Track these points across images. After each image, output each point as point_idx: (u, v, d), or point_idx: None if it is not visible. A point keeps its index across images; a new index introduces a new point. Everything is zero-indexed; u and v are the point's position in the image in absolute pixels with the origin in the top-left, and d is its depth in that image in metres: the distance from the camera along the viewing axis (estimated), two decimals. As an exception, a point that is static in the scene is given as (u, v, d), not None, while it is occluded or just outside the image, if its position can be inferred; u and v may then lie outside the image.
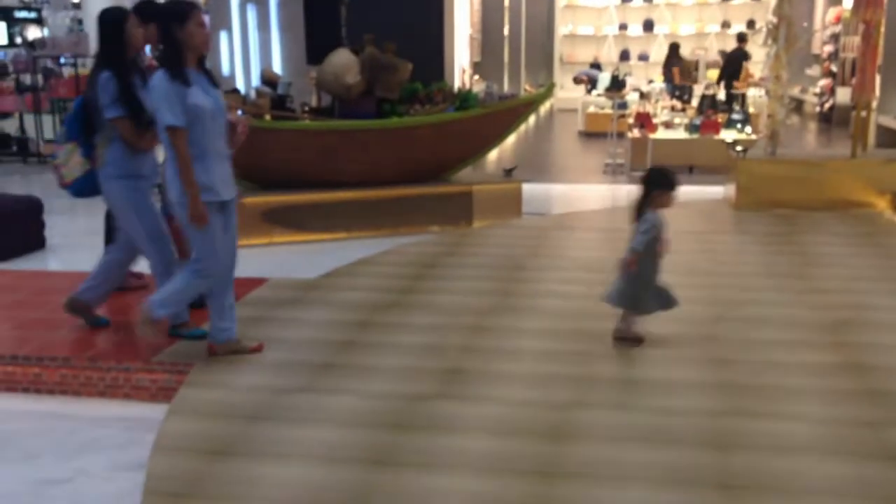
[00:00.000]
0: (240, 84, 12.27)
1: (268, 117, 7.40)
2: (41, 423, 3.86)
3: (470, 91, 8.50)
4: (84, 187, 4.51)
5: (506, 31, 17.80)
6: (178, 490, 2.99)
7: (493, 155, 12.03)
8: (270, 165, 7.13)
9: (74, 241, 7.30)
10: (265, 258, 6.34)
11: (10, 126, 14.29)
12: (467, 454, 3.23)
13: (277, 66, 11.84)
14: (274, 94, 8.28)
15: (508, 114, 8.17)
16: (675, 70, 14.36)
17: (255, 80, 11.58)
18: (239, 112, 7.20)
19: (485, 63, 16.83)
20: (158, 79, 3.79)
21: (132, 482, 3.20)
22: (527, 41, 20.43)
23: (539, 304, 5.10)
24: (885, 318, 4.73)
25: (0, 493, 3.20)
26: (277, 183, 7.19)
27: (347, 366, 4.11)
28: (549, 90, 9.20)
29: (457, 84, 12.51)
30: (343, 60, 8.25)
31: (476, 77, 15.94)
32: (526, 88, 18.59)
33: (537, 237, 6.93)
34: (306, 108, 8.10)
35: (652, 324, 4.67)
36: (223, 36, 13.25)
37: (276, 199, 7.07)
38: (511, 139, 14.10)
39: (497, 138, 8.35)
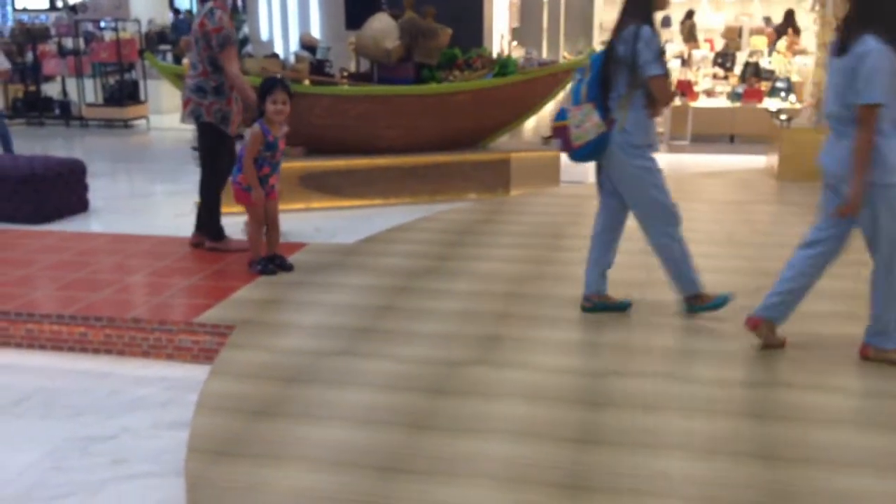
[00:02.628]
0: (279, 49, 12.30)
1: (307, 82, 7.42)
2: (86, 382, 3.95)
3: (509, 57, 8.43)
4: (590, 152, 4.24)
5: (545, -2, 17.54)
6: (219, 448, 3.06)
7: (531, 122, 11.95)
8: (308, 131, 7.16)
9: (116, 205, 7.41)
10: (303, 223, 6.39)
11: (53, 90, 14.48)
12: (503, 420, 3.25)
13: (316, 31, 11.83)
14: (313, 59, 8.30)
15: (548, 80, 8.11)
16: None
17: (295, 45, 11.60)
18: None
19: (524, 29, 16.63)
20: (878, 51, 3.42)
21: (175, 440, 3.28)
22: (566, 7, 20.13)
23: (576, 272, 5.06)
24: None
25: (46, 448, 3.30)
26: (316, 148, 7.23)
27: (385, 331, 4.15)
28: (587, 57, 9.08)
29: (496, 50, 12.41)
30: (382, 25, 8.22)
31: (515, 43, 15.78)
32: (565, 56, 18.35)
33: (575, 205, 6.90)
34: (345, 74, 8.10)
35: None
36: (262, 1, 13.25)
37: (314, 165, 7.11)
38: (550, 107, 13.99)
39: (536, 105, 8.30)
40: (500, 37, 13.34)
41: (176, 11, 17.98)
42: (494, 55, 8.45)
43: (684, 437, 3.12)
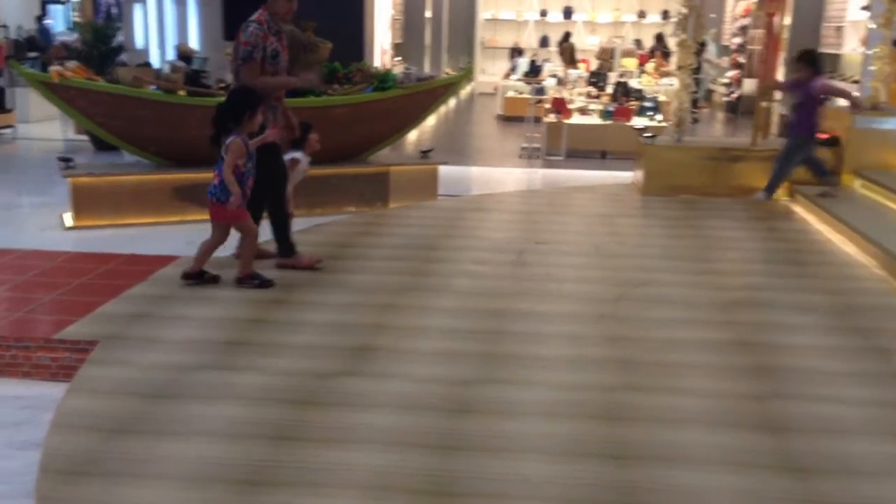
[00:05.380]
0: (154, 58, 12.00)
1: (182, 93, 7.27)
2: (-65, 402, 3.76)
3: (389, 72, 8.51)
4: None
5: (428, 14, 17.80)
6: (73, 468, 2.97)
7: (412, 136, 12.07)
8: (184, 142, 7.02)
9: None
10: (177, 236, 6.26)
11: None
12: (371, 429, 3.30)
13: (194, 41, 11.61)
14: (189, 69, 8.14)
15: (426, 95, 8.22)
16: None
17: (170, 55, 11.34)
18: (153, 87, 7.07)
19: (406, 45, 16.81)
20: None
21: (29, 460, 3.16)
22: (449, 24, 20.46)
23: (450, 283, 5.19)
24: (774, 297, 4.98)
25: None
26: (192, 160, 7.09)
27: (256, 343, 4.12)
28: (467, 73, 9.28)
29: (377, 65, 12.49)
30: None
31: (399, 59, 15.92)
32: (447, 71, 18.63)
33: (452, 218, 7.02)
34: (222, 85, 7.99)
35: (554, 303, 4.83)
36: (137, 8, 12.92)
37: (190, 177, 6.96)
38: (431, 121, 14.16)
39: (415, 120, 8.39)
40: (381, 52, 13.45)
41: (39, 18, 17.24)
42: (375, 70, 8.51)
43: (543, 441, 3.24)
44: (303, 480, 2.93)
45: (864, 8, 10.47)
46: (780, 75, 12.73)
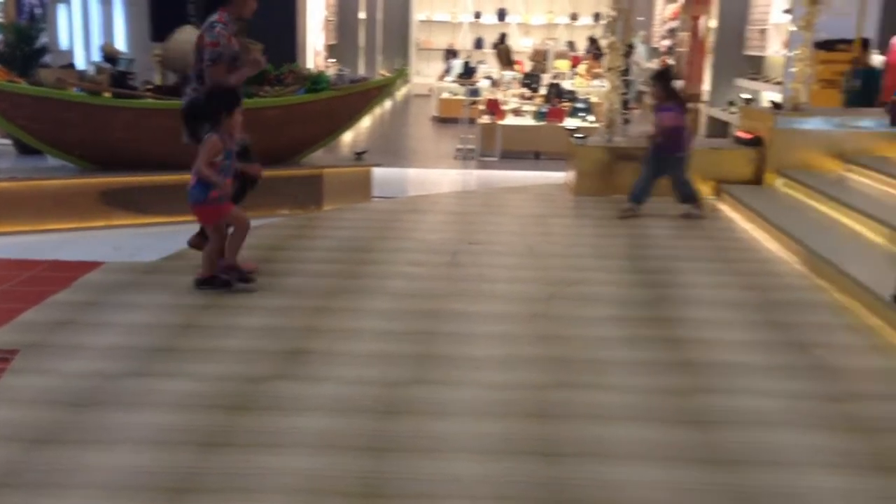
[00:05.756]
0: (79, 59, 11.70)
1: (107, 95, 7.11)
2: None
3: (321, 73, 8.45)
4: None
5: (362, 15, 17.73)
6: (-6, 479, 2.89)
7: (346, 138, 12.02)
8: (110, 145, 6.87)
9: None
10: (102, 241, 6.12)
11: None
12: (302, 433, 3.27)
13: (120, 42, 11.36)
14: (114, 71, 7.96)
15: (360, 97, 8.19)
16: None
17: (96, 56, 11.07)
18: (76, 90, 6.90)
19: (340, 46, 16.72)
20: None
21: (-54, 474, 3.06)
22: (384, 26, 20.43)
23: (384, 285, 5.18)
24: (699, 294, 5.10)
25: None
26: (118, 163, 6.94)
27: (184, 349, 4.06)
28: (399, 74, 9.28)
29: (311, 66, 12.39)
30: (189, 38, 8.00)
31: (333, 60, 15.83)
32: (382, 73, 18.59)
33: (386, 220, 7.01)
34: (149, 87, 7.84)
35: (487, 303, 4.87)
36: (62, 9, 12.58)
37: (116, 180, 6.82)
38: (366, 123, 14.11)
39: (348, 121, 8.35)
40: (314, 53, 13.35)
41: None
42: (307, 71, 8.45)
43: (475, 440, 3.27)
44: (232, 486, 2.90)
45: (787, 11, 10.80)
46: (707, 77, 13.05)
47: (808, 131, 7.82)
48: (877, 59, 11.51)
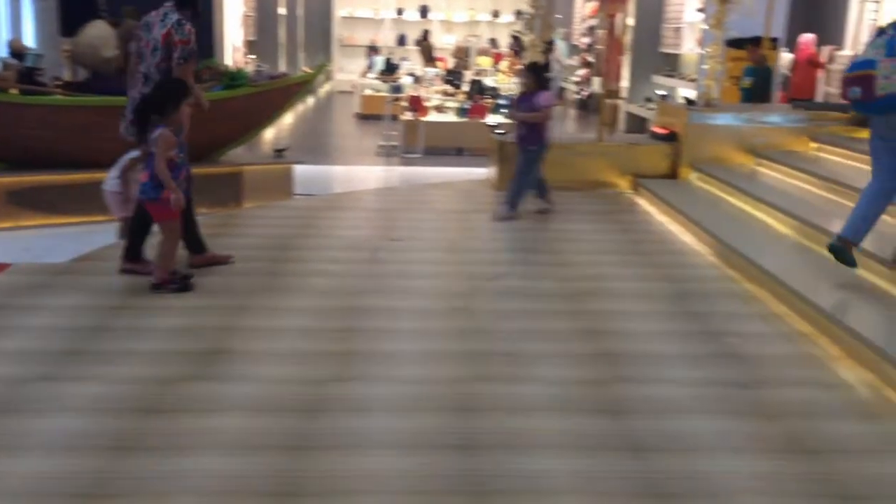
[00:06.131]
0: (-16, 55, 11.25)
1: (14, 91, 6.87)
2: None
3: (240, 70, 8.34)
4: (889, 104, 4.48)
5: (282, 11, 17.52)
6: None
7: (268, 135, 11.87)
8: (18, 143, 6.63)
9: None
10: (12, 242, 5.90)
11: None
12: (217, 434, 3.22)
13: (28, 38, 10.97)
14: (22, 67, 7.71)
15: (280, 93, 8.10)
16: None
17: (2, 51, 10.67)
18: None
19: (260, 42, 16.49)
20: None
21: None
22: (305, 22, 20.23)
23: (304, 283, 5.14)
24: (619, 287, 5.20)
25: None
26: (27, 162, 6.71)
27: (96, 352, 3.94)
28: (320, 70, 9.20)
29: (229, 62, 12.20)
30: (100, 33, 7.82)
31: (253, 56, 15.60)
32: (304, 69, 18.39)
33: (308, 217, 6.94)
34: (59, 83, 7.61)
35: (408, 299, 4.87)
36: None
37: (25, 180, 6.59)
38: (287, 120, 13.95)
39: (268, 118, 8.25)
40: (232, 49, 13.14)
41: None
42: (225, 68, 8.31)
43: (394, 436, 3.27)
44: (144, 490, 2.84)
45: (700, 10, 11.11)
46: (625, 74, 13.32)
47: (719, 127, 8.06)
48: (785, 58, 11.94)
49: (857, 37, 11.39)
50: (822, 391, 3.76)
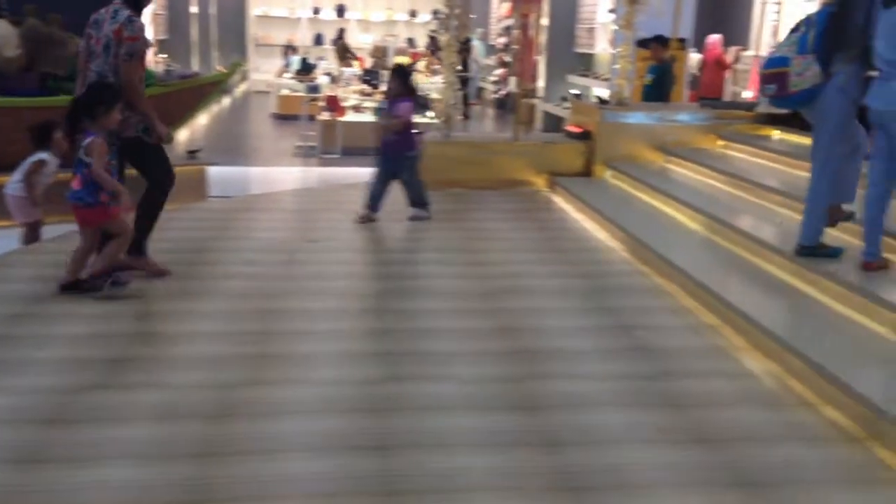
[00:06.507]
0: None
1: None
2: None
3: (147, 69, 8.12)
4: (802, 100, 4.68)
5: (194, 9, 17.17)
6: None
7: (181, 137, 11.62)
8: None
9: None
10: None
11: None
12: (126, 444, 3.13)
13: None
14: None
15: (191, 93, 7.96)
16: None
17: None
18: None
19: (172, 41, 16.13)
20: None
21: None
22: (218, 20, 19.87)
23: (218, 286, 5.04)
24: (535, 284, 5.26)
25: None
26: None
27: (-5, 362, 3.79)
28: (233, 70, 9.06)
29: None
30: (1, 32, 7.54)
31: (164, 56, 15.25)
32: (218, 69, 18.06)
33: (222, 220, 6.82)
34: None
35: (325, 300, 4.83)
36: None
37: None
38: (202, 120, 13.69)
39: (180, 119, 8.10)
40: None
41: None
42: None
43: (308, 438, 3.23)
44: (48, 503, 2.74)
45: (611, 11, 11.33)
46: (541, 73, 13.50)
47: (631, 125, 8.23)
48: (694, 58, 12.29)
49: (760, 37, 11.78)
50: (728, 382, 3.88)
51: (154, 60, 13.74)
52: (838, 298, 4.49)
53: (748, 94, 11.95)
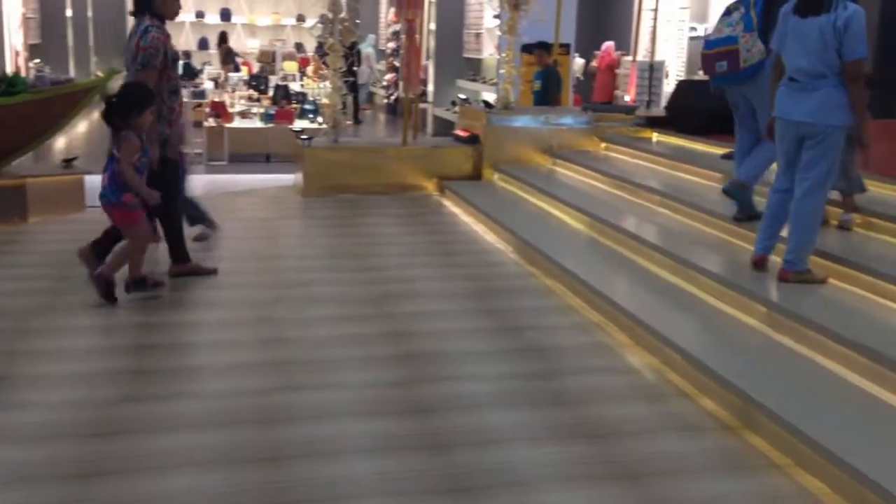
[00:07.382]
0: None
1: None
2: None
3: (17, 75, 7.75)
4: (751, 75, 4.94)
5: (69, 13, 16.48)
6: None
7: (59, 145, 11.16)
8: None
9: None
10: None
11: None
12: (-4, 468, 2.98)
13: None
14: None
15: (64, 100, 7.61)
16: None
17: None
18: None
19: (45, 46, 15.43)
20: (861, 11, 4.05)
21: None
22: (96, 24, 19.12)
23: (93, 299, 4.84)
24: (425, 288, 5.28)
25: None
26: None
27: None
28: (110, 75, 8.71)
29: (9, 68, 11.34)
30: None
31: (38, 61, 14.58)
32: (97, 74, 17.38)
33: (100, 231, 6.54)
34: None
35: (210, 311, 4.72)
36: None
37: None
38: (81, 128, 13.15)
39: (53, 127, 7.73)
40: (13, 53, 12.23)
41: None
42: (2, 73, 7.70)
43: (196, 453, 3.15)
44: None
45: (496, 16, 11.49)
46: (431, 78, 13.57)
47: (518, 129, 8.37)
48: (578, 63, 12.60)
49: (638, 43, 12.16)
50: (612, 377, 4.00)
51: (27, 66, 13.13)
52: (714, 294, 4.68)
53: (628, 98, 12.34)
